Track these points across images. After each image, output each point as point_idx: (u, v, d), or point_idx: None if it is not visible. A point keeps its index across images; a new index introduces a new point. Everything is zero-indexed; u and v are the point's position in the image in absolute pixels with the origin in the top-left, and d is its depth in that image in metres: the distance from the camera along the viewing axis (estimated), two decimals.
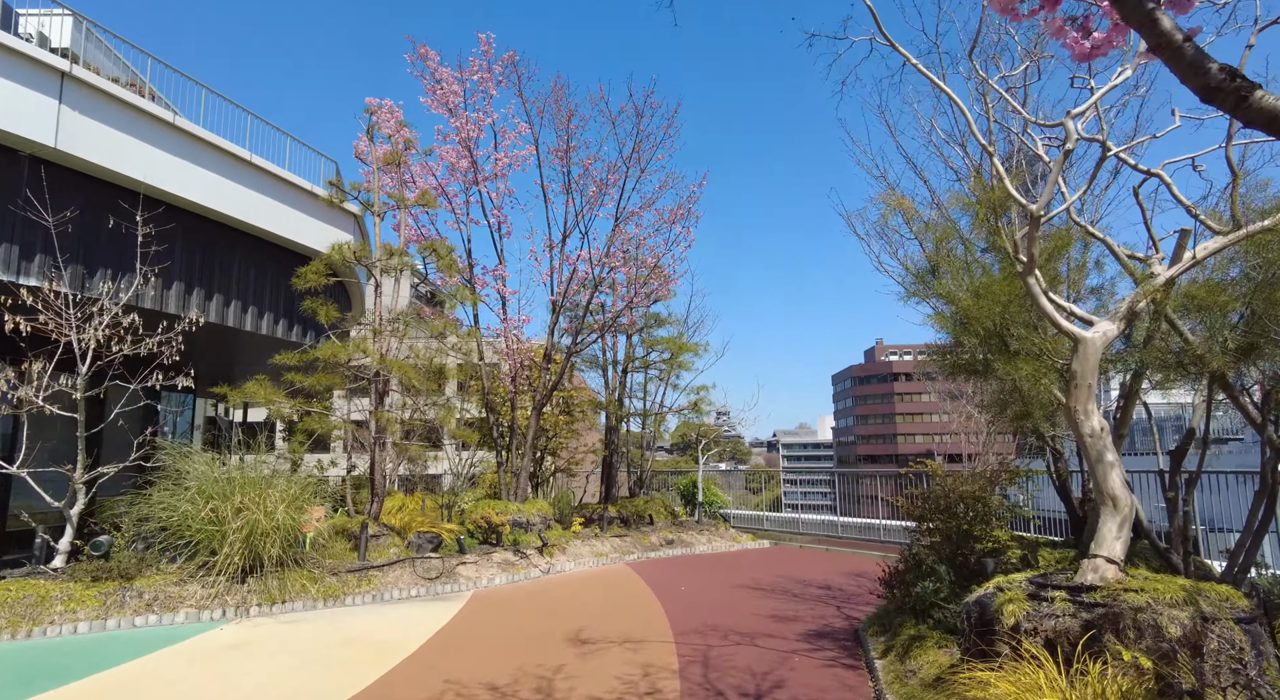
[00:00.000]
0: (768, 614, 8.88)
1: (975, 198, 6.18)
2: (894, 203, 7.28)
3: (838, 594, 10.23)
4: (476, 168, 12.94)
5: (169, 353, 9.50)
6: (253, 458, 10.72)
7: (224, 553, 9.00)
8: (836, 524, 15.70)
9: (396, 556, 10.99)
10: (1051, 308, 4.85)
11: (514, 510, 13.07)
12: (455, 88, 12.75)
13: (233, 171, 12.06)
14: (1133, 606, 3.64)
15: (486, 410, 13.88)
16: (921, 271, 6.75)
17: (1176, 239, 5.19)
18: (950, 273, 6.11)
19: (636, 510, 16.10)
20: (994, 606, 4.23)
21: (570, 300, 14.51)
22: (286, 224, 12.99)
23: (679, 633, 7.88)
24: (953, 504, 7.20)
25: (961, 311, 5.65)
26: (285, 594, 9.20)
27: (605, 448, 16.99)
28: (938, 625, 6.27)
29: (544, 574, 11.90)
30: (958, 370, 6.51)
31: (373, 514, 11.40)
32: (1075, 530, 7.05)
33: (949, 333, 6.32)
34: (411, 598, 10.25)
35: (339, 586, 9.81)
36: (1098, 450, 4.59)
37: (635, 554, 13.90)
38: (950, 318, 5.91)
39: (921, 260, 6.99)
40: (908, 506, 7.67)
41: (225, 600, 8.80)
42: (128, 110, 10.24)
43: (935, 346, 6.83)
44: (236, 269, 12.65)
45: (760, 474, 30.12)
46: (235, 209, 12.05)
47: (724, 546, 15.54)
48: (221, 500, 9.15)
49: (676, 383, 17.67)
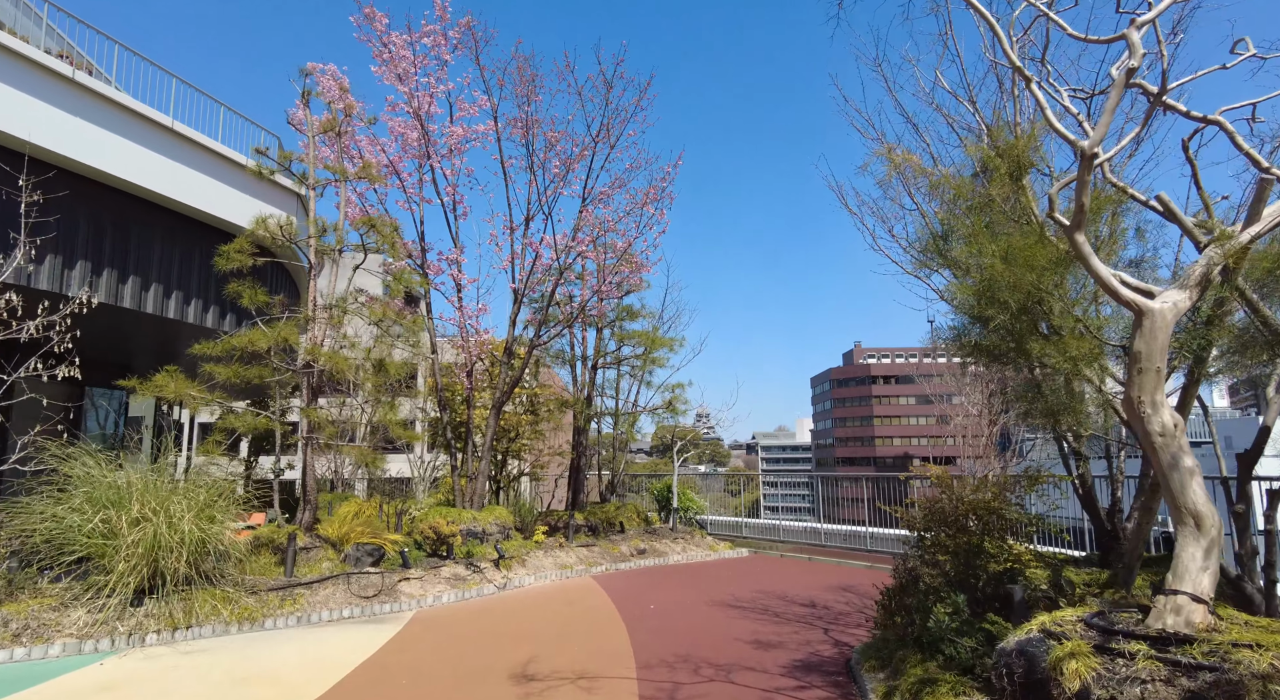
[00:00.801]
0: (747, 639, 7.79)
1: (998, 149, 5.14)
2: (898, 159, 6.24)
3: (824, 613, 9.17)
4: (428, 140, 11.73)
5: (59, 340, 8.20)
6: (182, 461, 9.49)
7: (118, 570, 7.73)
8: (820, 531, 14.68)
9: (329, 572, 9.75)
10: (1107, 271, 3.81)
11: (468, 518, 11.86)
12: (406, 53, 11.54)
13: (152, 139, 10.74)
14: (1257, 672, 2.61)
15: (439, 408, 12.66)
16: (929, 241, 5.71)
17: (1254, 191, 4.19)
18: (970, 237, 5.06)
19: (606, 517, 14.96)
20: (1047, 661, 3.17)
21: (534, 289, 13.36)
22: (217, 201, 11.69)
23: (643, 666, 6.76)
24: (962, 515, 6.16)
25: (985, 281, 4.60)
26: (191, 618, 7.94)
27: (573, 450, 15.82)
28: (949, 663, 5.22)
29: (499, 590, 10.73)
30: (976, 354, 5.45)
31: (304, 523, 10.15)
32: (1101, 545, 6.08)
33: (965, 310, 5.27)
34: (343, 619, 9.03)
35: (258, 608, 8.57)
36: (1171, 453, 3.55)
37: (603, 565, 12.76)
38: (972, 288, 4.84)
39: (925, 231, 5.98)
40: (908, 517, 6.62)
41: (115, 627, 7.52)
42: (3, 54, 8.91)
43: (951, 328, 5.81)
44: (159, 250, 11.33)
45: (740, 477, 29.12)
46: (155, 181, 10.74)
47: (700, 556, 14.45)
48: (115, 509, 7.87)
49: (650, 380, 16.58)
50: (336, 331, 10.09)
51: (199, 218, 11.64)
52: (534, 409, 16.03)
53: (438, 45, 11.63)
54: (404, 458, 18.39)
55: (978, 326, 5.17)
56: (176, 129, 10.96)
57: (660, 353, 15.89)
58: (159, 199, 10.98)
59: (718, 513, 19.07)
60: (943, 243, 5.54)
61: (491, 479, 15.26)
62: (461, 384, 13.25)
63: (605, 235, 13.18)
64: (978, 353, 5.43)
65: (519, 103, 11.85)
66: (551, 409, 16.18)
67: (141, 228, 10.97)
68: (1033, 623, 3.66)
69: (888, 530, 14.04)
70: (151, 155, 10.70)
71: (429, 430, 15.46)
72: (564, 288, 14.37)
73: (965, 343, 5.43)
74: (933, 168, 6.31)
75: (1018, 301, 4.52)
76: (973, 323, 5.28)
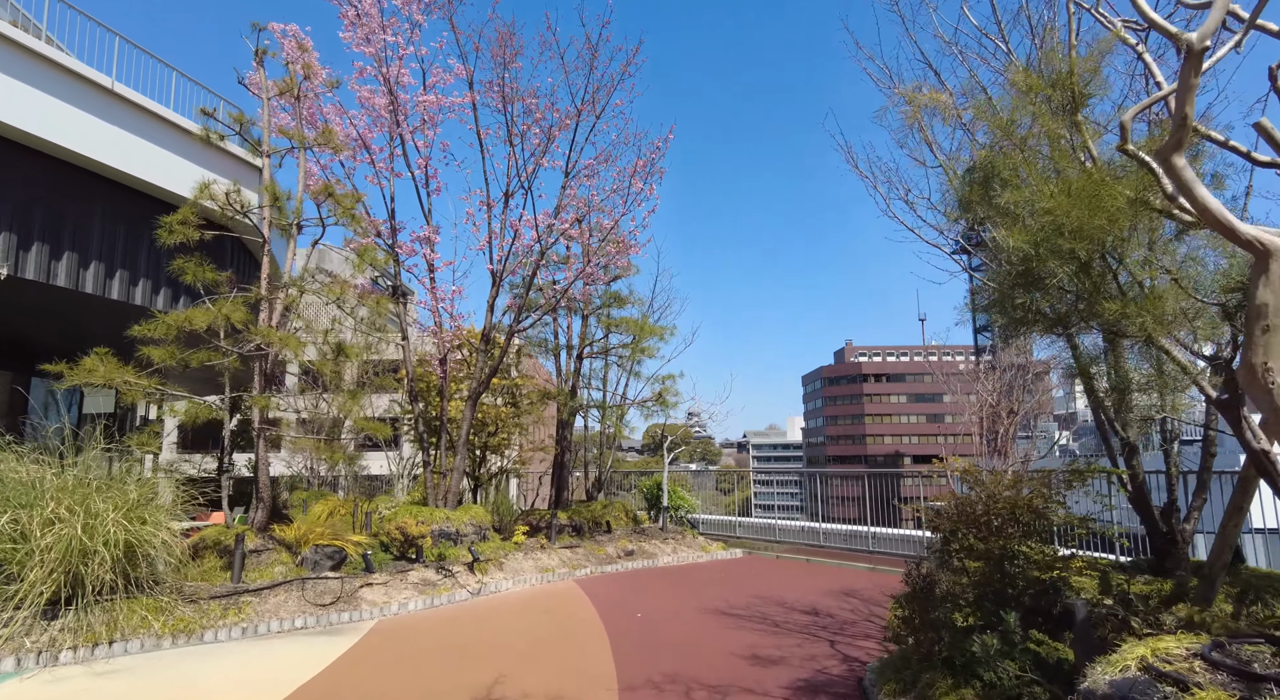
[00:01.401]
0: (744, 653, 6.94)
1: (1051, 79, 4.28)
2: (924, 100, 5.38)
3: (828, 622, 8.33)
4: (397, 106, 10.78)
5: None
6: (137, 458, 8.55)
7: (29, 579, 6.78)
8: (819, 531, 13.84)
9: (283, 577, 8.83)
10: (1217, 202, 2.96)
11: (441, 518, 10.95)
12: (373, 11, 10.59)
13: (91, 102, 9.76)
14: None
15: (411, 400, 11.73)
16: (965, 190, 4.84)
17: None
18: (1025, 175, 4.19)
19: (592, 516, 14.07)
20: None
21: (515, 272, 12.44)
22: (165, 171, 10.72)
23: (627, 688, 5.89)
24: (995, 515, 5.32)
25: (1045, 227, 3.72)
26: (115, 631, 7.01)
27: (556, 445, 14.91)
28: (989, 691, 4.37)
29: (472, 596, 9.83)
30: (1026, 324, 4.59)
31: (256, 523, 9.23)
32: (1156, 550, 5.26)
33: (1008, 273, 4.38)
34: (295, 630, 8.11)
35: (196, 618, 7.64)
36: None
37: (588, 568, 11.88)
38: (1027, 232, 3.92)
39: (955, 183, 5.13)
40: (932, 519, 5.77)
41: (22, 644, 6.58)
42: None
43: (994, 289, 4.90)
44: (100, 225, 10.36)
45: (732, 475, 28.36)
46: (93, 149, 9.77)
47: (691, 557, 13.60)
48: (26, 509, 6.93)
49: (639, 371, 15.67)
50: (292, 313, 9.16)
51: (146, 190, 10.67)
52: (515, 401, 15.11)
53: (408, 4, 10.68)
54: (392, 455, 17.46)
55: (1031, 281, 4.28)
56: (119, 91, 9.99)
57: (650, 342, 15.01)
58: (99, 168, 10.02)
59: (710, 511, 18.21)
60: (982, 191, 4.68)
61: (470, 476, 14.35)
62: (435, 373, 12.33)
63: (590, 214, 12.27)
64: (1028, 322, 4.56)
65: (496, 67, 10.92)
66: (534, 401, 15.26)
67: (80, 200, 9.99)
68: (1126, 656, 2.82)
69: (890, 530, 13.23)
70: (90, 120, 9.73)
71: (407, 424, 14.53)
72: (546, 271, 13.46)
73: (1013, 308, 4.56)
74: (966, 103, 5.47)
75: (1085, 252, 3.67)
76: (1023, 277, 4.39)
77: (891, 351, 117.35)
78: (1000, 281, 4.57)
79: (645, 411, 15.92)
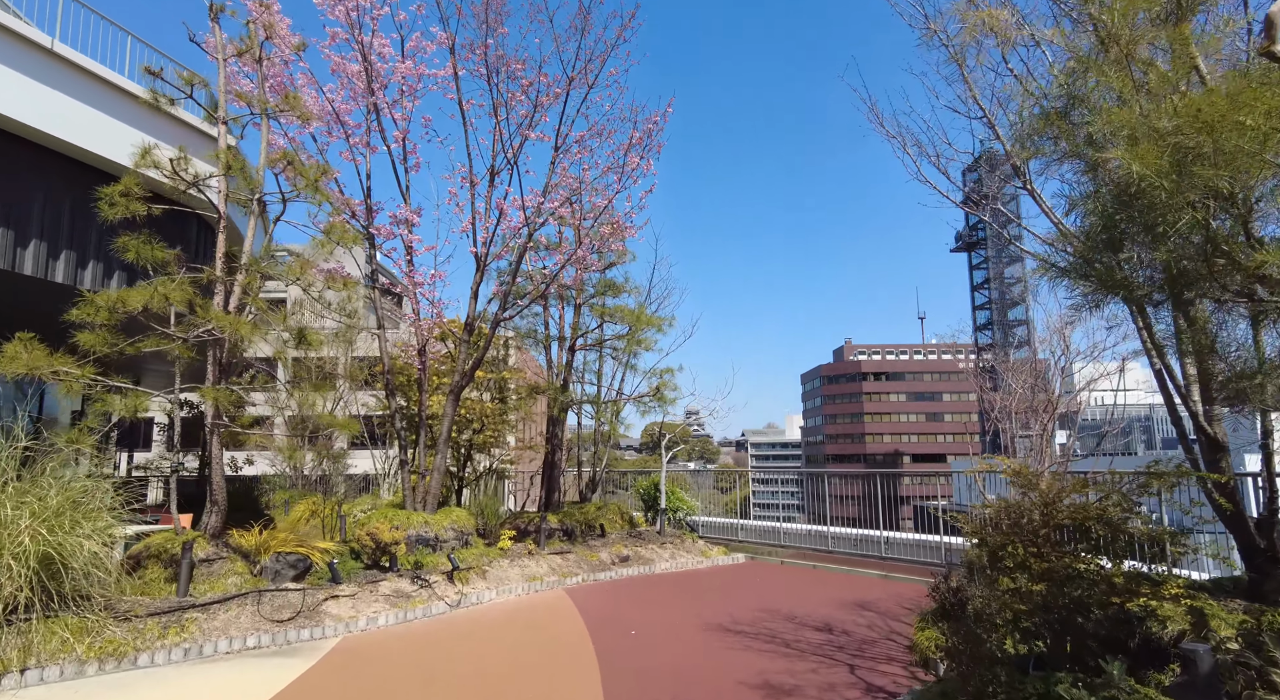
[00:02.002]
0: (752, 682, 6.05)
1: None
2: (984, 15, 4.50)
3: (844, 641, 7.43)
4: (372, 71, 9.85)
5: None
6: None
7: None
8: (826, 535, 12.95)
9: (237, 589, 7.92)
10: None
11: (418, 522, 10.04)
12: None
13: (28, 63, 8.84)
14: None
15: (386, 394, 10.81)
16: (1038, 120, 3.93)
17: None
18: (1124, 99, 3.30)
19: (585, 519, 13.17)
20: None
21: (501, 256, 11.53)
22: (112, 141, 9.76)
23: None
24: (1058, 528, 4.44)
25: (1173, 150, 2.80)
26: (28, 657, 6.10)
27: (547, 442, 13.99)
28: None
29: (450, 608, 8.93)
30: (1120, 288, 3.61)
31: (209, 529, 8.31)
32: (1254, 568, 4.38)
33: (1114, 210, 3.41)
34: (246, 650, 7.21)
35: (128, 639, 6.73)
36: None
37: (579, 576, 10.99)
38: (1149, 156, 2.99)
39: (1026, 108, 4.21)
40: (973, 528, 4.88)
41: None
42: None
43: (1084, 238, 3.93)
44: (41, 201, 9.43)
45: (731, 474, 27.50)
46: (28, 114, 8.85)
47: (691, 563, 12.71)
48: None
49: (635, 364, 14.75)
50: (251, 296, 8.24)
51: (93, 163, 9.74)
52: (503, 396, 14.19)
53: None
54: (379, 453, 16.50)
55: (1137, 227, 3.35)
56: (59, 51, 9.06)
57: (648, 333, 14.09)
58: (38, 136, 9.10)
59: (710, 513, 17.30)
60: (1062, 122, 3.76)
61: (455, 476, 13.44)
62: (413, 366, 11.42)
63: (583, 193, 11.36)
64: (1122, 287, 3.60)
65: (479, 27, 9.99)
66: (523, 396, 14.35)
67: (17, 173, 9.07)
68: None
69: (904, 535, 12.34)
70: (27, 82, 8.81)
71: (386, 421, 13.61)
72: (535, 256, 12.55)
73: (1104, 270, 3.60)
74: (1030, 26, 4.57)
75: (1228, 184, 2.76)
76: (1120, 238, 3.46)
77: (891, 350, 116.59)
78: (1090, 233, 3.66)
79: (642, 407, 15.00)
